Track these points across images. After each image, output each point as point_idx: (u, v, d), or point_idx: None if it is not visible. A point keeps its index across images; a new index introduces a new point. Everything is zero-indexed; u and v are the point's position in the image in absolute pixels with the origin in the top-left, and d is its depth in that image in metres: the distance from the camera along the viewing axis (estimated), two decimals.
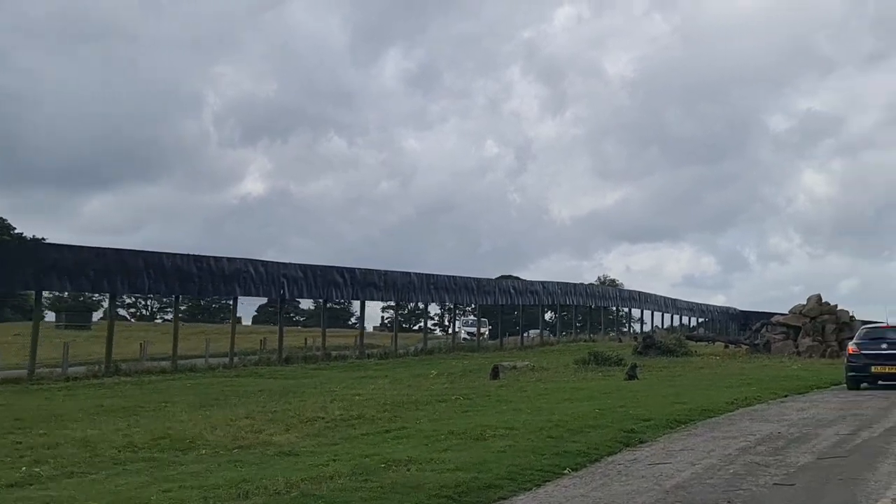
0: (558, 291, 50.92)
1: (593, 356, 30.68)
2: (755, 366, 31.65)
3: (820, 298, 41.68)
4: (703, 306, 70.88)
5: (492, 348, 45.57)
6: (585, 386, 22.93)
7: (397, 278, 39.30)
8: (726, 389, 20.89)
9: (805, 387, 22.29)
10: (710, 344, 45.55)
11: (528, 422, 14.46)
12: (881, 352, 20.98)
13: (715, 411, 16.31)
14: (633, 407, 16.87)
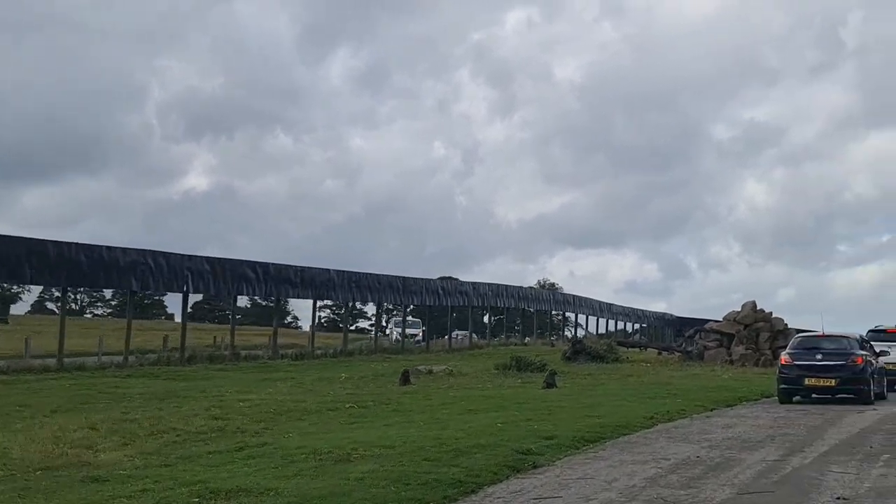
0: (489, 293, 49.01)
1: (515, 361, 28.76)
2: (685, 374, 29.97)
3: (755, 305, 40.28)
4: (639, 312, 69.56)
5: (418, 351, 43.50)
6: (498, 394, 20.95)
7: (315, 275, 37.01)
8: (649, 401, 19.04)
9: (734, 399, 20.55)
10: (643, 350, 43.98)
11: (413, 438, 12.41)
12: (815, 363, 19.31)
13: (630, 428, 14.39)
14: (541, 421, 14.92)
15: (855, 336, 20.32)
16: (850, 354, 19.30)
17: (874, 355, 20.70)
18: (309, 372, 29.92)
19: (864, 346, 20.12)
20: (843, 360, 19.19)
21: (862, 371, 19.14)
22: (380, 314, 55.53)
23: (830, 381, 19.08)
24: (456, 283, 46.70)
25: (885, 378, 21.59)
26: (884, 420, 15.98)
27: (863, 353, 19.56)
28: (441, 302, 45.67)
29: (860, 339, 20.46)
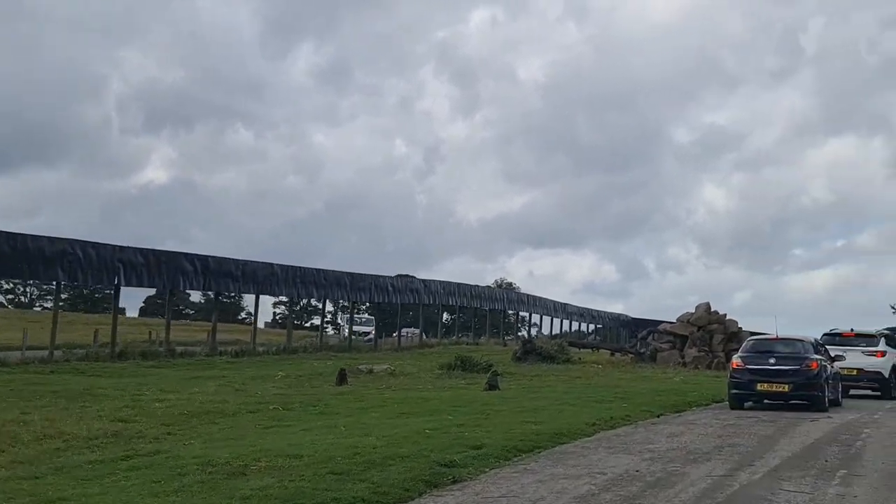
0: (441, 291, 47.79)
1: (460, 361, 27.63)
2: (636, 377, 29.00)
3: (709, 307, 39.46)
4: (594, 312, 68.73)
5: (366, 349, 42.22)
6: (436, 396, 19.78)
7: (257, 269, 35.53)
8: (594, 406, 17.97)
9: (684, 403, 19.54)
10: (595, 351, 43.02)
11: (327, 446, 11.21)
12: (768, 367, 18.34)
13: (569, 435, 13.27)
14: (474, 427, 13.77)
15: (809, 340, 19.39)
16: (805, 359, 18.37)
17: (829, 360, 19.82)
18: (246, 370, 28.56)
19: (818, 351, 19.21)
20: (796, 364, 18.25)
21: (816, 376, 18.21)
22: (325, 310, 54.15)
23: (783, 386, 18.13)
24: (407, 280, 45.43)
25: (841, 384, 20.71)
26: (839, 430, 15.02)
27: (818, 357, 18.64)
28: (391, 299, 44.39)
29: (815, 342, 19.54)
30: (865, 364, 23.31)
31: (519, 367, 32.49)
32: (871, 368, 23.35)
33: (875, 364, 23.38)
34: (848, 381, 23.15)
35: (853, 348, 23.69)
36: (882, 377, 23.34)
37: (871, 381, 23.53)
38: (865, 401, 22.78)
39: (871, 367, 23.34)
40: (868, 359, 23.48)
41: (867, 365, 23.32)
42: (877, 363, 23.43)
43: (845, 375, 22.64)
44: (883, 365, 23.46)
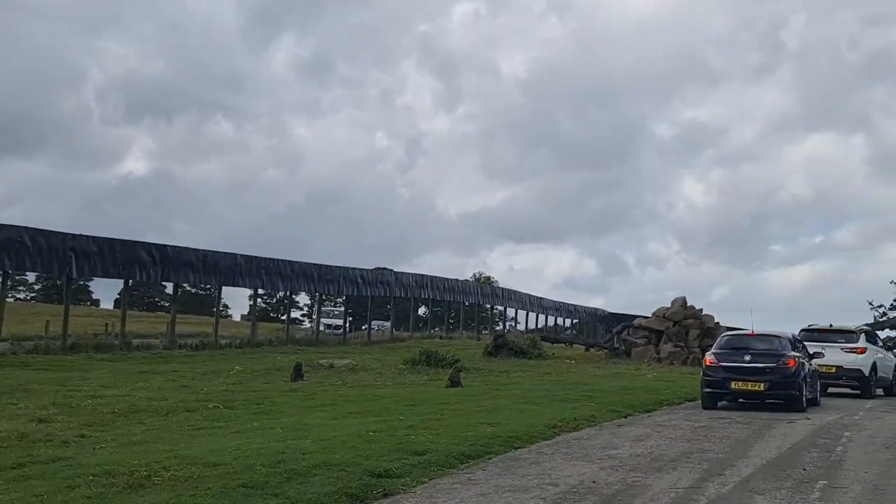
0: (413, 284, 46.60)
1: (426, 356, 26.46)
2: (608, 373, 27.97)
3: (685, 302, 38.51)
4: (570, 306, 67.66)
5: (335, 342, 41.00)
6: (392, 394, 18.64)
7: (219, 259, 34.19)
8: (558, 405, 16.88)
9: (654, 402, 18.48)
10: (569, 346, 41.97)
11: (252, 452, 10.03)
12: (743, 364, 17.29)
13: (526, 439, 12.16)
14: (424, 428, 12.66)
15: (787, 335, 18.33)
16: (782, 356, 17.33)
17: (807, 357, 18.80)
18: (203, 364, 27.33)
19: (796, 347, 18.18)
20: (773, 361, 17.21)
21: (794, 374, 17.18)
22: (297, 303, 52.83)
23: (759, 384, 17.08)
24: (377, 272, 44.21)
25: (819, 382, 19.71)
26: (818, 433, 13.97)
27: (795, 354, 17.60)
28: (361, 292, 43.16)
29: (792, 338, 18.49)
30: (845, 361, 22.32)
31: (489, 363, 31.41)
32: (850, 366, 22.36)
33: (855, 361, 22.38)
34: (826, 379, 22.19)
35: (832, 345, 22.71)
36: (862, 375, 22.36)
37: (850, 380, 22.54)
38: (845, 399, 21.81)
39: (850, 365, 22.35)
40: (847, 356, 22.49)
41: (847, 362, 22.32)
42: (857, 360, 22.45)
43: (824, 373, 21.66)
44: (863, 362, 22.48)
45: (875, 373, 22.88)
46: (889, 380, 24.16)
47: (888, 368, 24.20)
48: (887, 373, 24.01)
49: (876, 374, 22.94)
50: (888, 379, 24.05)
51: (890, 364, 24.59)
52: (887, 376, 23.98)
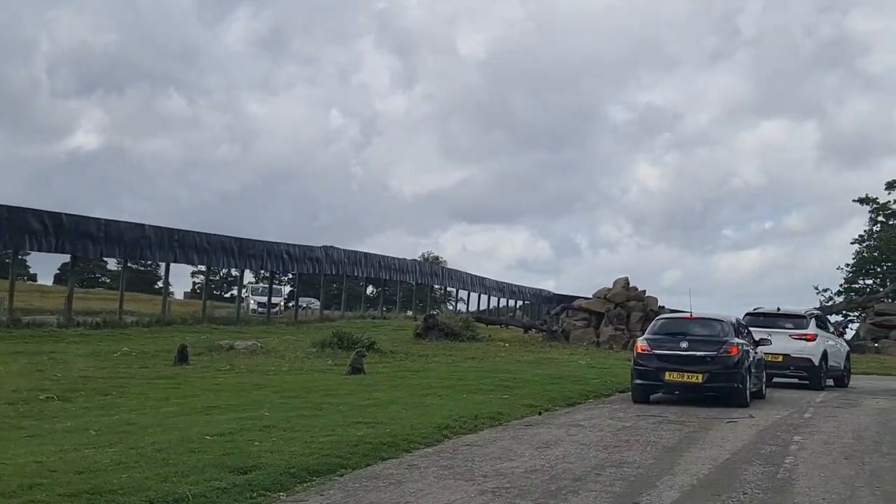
0: (345, 260, 43.91)
1: (338, 338, 23.89)
2: (539, 358, 25.61)
3: (627, 282, 36.25)
4: (515, 287, 65.31)
5: (256, 322, 38.24)
6: (280, 382, 16.10)
7: (124, 230, 31.17)
8: (466, 397, 14.44)
9: (580, 394, 16.11)
10: (505, 328, 39.58)
11: (17, 468, 7.43)
12: (679, 352, 14.94)
13: (402, 446, 9.68)
14: (281, 431, 10.21)
15: (730, 319, 15.96)
16: (723, 343, 14.99)
17: (753, 344, 16.52)
18: (93, 344, 24.57)
19: (740, 333, 15.85)
20: (713, 349, 14.88)
21: (737, 364, 14.86)
22: (205, 280, 49.80)
23: (697, 376, 14.74)
24: (305, 248, 41.36)
25: (765, 372, 17.48)
26: (762, 437, 11.64)
27: (739, 341, 15.27)
28: (286, 267, 40.42)
29: (736, 323, 16.15)
30: (793, 349, 20.03)
31: (415, 345, 28.96)
32: (799, 354, 20.02)
33: (804, 349, 20.15)
34: (772, 369, 19.84)
35: (779, 331, 20.42)
36: (812, 365, 19.97)
37: (798, 369, 20.25)
38: (792, 391, 19.64)
39: (799, 353, 20.06)
40: (796, 343, 20.23)
41: (795, 350, 20.06)
42: (806, 348, 20.11)
43: (769, 362, 19.33)
44: (813, 350, 20.13)
45: (825, 362, 20.49)
46: (840, 369, 21.76)
47: (839, 357, 21.83)
48: (838, 362, 21.72)
49: (826, 364, 20.52)
50: (839, 368, 21.74)
51: (841, 352, 22.17)
52: (838, 365, 21.68)
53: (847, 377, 22.22)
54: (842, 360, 22.05)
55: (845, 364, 22.27)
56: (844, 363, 22.22)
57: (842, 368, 21.98)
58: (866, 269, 68.94)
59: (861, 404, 16.60)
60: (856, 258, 67.55)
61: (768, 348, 18.50)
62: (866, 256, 67.36)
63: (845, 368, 22.23)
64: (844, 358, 22.32)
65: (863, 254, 67.62)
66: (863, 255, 67.48)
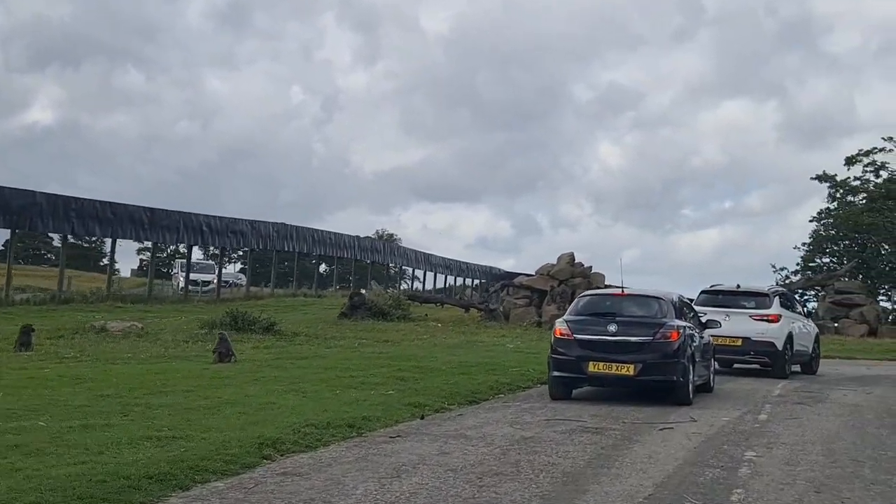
0: (273, 234, 40.55)
1: (231, 318, 20.69)
2: (465, 341, 22.62)
3: (572, 258, 33.36)
4: (463, 264, 62.16)
5: (172, 299, 34.89)
6: (118, 373, 12.96)
7: (11, 197, 27.71)
8: (336, 394, 11.40)
9: (490, 388, 13.10)
10: (441, 306, 36.47)
11: None
12: (607, 337, 11.93)
13: (182, 476, 6.60)
14: (22, 454, 7.00)
15: (670, 297, 12.84)
16: (661, 326, 11.95)
17: (699, 327, 13.56)
18: None
19: (682, 314, 12.82)
20: (648, 334, 11.86)
21: (678, 352, 11.84)
22: (111, 253, 46.16)
23: (628, 367, 11.73)
24: (229, 221, 37.76)
25: (714, 359, 14.56)
26: (703, 452, 8.63)
27: (680, 324, 12.26)
28: (206, 241, 37.10)
29: (678, 302, 13.08)
30: (753, 331, 17.21)
31: (336, 326, 25.93)
32: (760, 337, 17.18)
33: (766, 331, 17.24)
34: (730, 354, 17.26)
35: (739, 310, 17.61)
36: (774, 350, 17.18)
37: (759, 355, 17.34)
38: (749, 379, 16.82)
39: (760, 336, 17.19)
40: (757, 324, 17.36)
41: (756, 332, 17.20)
42: (769, 330, 17.27)
43: (727, 346, 16.72)
44: (776, 333, 17.29)
45: (790, 346, 17.65)
46: (808, 354, 19.02)
47: (807, 339, 19.02)
48: (806, 345, 18.90)
49: (791, 348, 17.70)
50: (807, 353, 18.94)
51: (810, 334, 19.36)
52: (806, 349, 18.87)
53: (816, 362, 19.58)
54: (810, 344, 19.29)
55: (814, 347, 19.54)
56: (813, 346, 19.50)
57: (810, 353, 19.23)
58: (824, 247, 66.84)
59: (827, 399, 13.73)
60: (813, 237, 65.39)
61: (725, 330, 15.98)
62: (823, 234, 65.21)
63: (814, 352, 19.51)
64: (813, 341, 19.61)
65: (820, 232, 65.48)
66: (820, 234, 65.35)
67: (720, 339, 16.13)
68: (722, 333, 15.93)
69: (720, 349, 16.04)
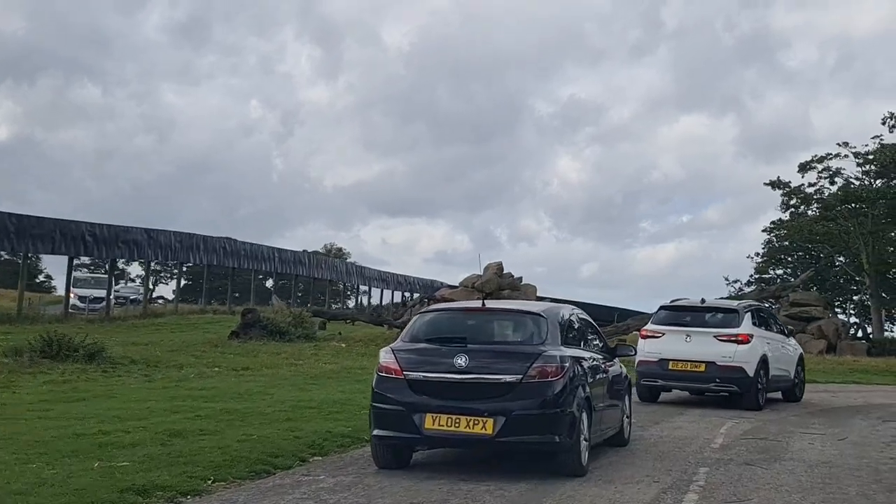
0: (177, 245, 35.79)
1: (46, 343, 16.21)
2: (352, 365, 18.45)
3: (500, 268, 29.44)
4: (401, 277, 58.00)
5: (47, 318, 30.21)
6: None
7: None
8: (37, 469, 7.11)
9: (312, 446, 8.91)
10: (351, 323, 32.10)
11: None
12: (454, 376, 7.67)
13: None
14: None
15: (557, 313, 8.48)
16: (536, 357, 7.72)
17: (604, 354, 9.39)
18: None
19: (570, 337, 8.53)
20: (517, 370, 7.62)
21: (560, 398, 7.55)
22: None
23: (484, 422, 7.52)
24: (119, 229, 32.97)
25: (629, 398, 10.41)
26: None
27: (567, 353, 7.99)
28: (90, 252, 32.47)
29: (567, 320, 8.66)
30: (719, 354, 14.00)
31: (218, 349, 21.76)
32: (726, 362, 13.95)
33: (734, 355, 14.00)
34: (691, 382, 14.39)
35: (702, 330, 14.43)
36: (744, 376, 13.92)
37: (726, 382, 14.09)
38: (692, 414, 12.91)
39: (726, 360, 13.95)
40: (723, 346, 14.11)
41: (721, 356, 13.99)
42: (737, 353, 14.02)
43: (688, 372, 14.05)
44: (746, 356, 14.04)
45: (765, 371, 14.42)
46: (790, 379, 15.90)
47: (787, 363, 15.82)
48: (786, 369, 15.72)
49: (766, 374, 14.48)
50: (787, 378, 15.78)
51: (790, 356, 16.12)
52: (786, 374, 15.70)
53: (800, 389, 16.45)
54: (791, 367, 16.08)
55: (797, 372, 16.35)
56: (796, 371, 16.29)
57: (791, 378, 16.04)
58: (777, 258, 63.80)
59: (786, 453, 9.68)
60: (766, 247, 62.27)
61: (686, 353, 13.92)
62: (777, 245, 62.09)
63: (797, 378, 16.32)
64: (796, 364, 16.32)
65: (773, 243, 62.38)
66: (773, 244, 62.23)
67: (680, 365, 14.07)
68: (682, 357, 13.97)
69: (680, 376, 14.14)
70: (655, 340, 14.50)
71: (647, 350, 14.35)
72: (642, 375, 14.53)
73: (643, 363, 14.43)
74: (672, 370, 14.16)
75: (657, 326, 14.73)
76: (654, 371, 14.38)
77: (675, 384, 14.58)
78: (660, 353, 14.29)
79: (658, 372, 14.33)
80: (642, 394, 14.58)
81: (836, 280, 61.34)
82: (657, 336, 14.55)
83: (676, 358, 14.06)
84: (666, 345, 14.33)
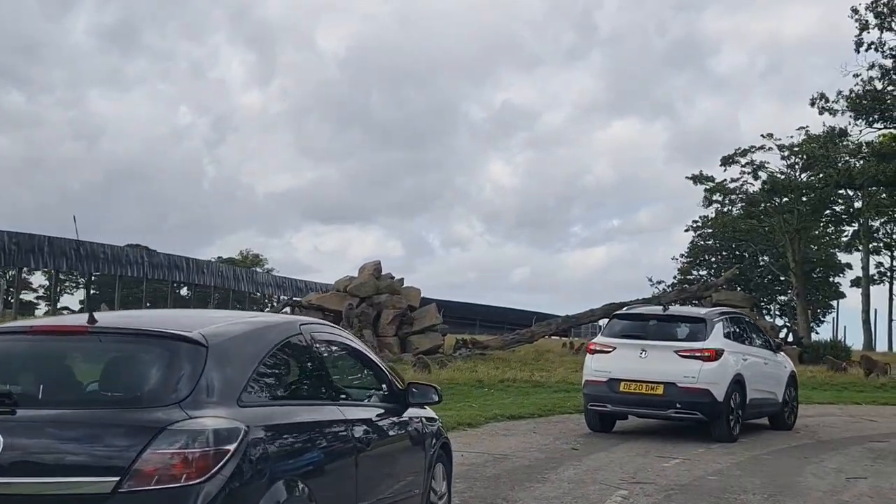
0: (13, 248, 31.19)
1: None
2: None
3: (379, 269, 25.10)
4: (300, 283, 53.49)
5: None
6: None
7: None
8: None
9: None
10: None
11: None
12: None
13: None
14: None
15: (267, 337, 3.61)
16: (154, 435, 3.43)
17: (383, 412, 5.09)
18: None
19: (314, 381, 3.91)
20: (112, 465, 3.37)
21: None
22: None
23: None
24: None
25: None
26: None
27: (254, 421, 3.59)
28: None
29: (271, 350, 4.22)
30: (679, 374, 11.38)
31: None
32: (689, 383, 11.33)
33: (698, 374, 11.37)
34: (646, 408, 11.76)
35: (661, 343, 11.81)
36: (710, 401, 11.37)
37: (688, 408, 11.42)
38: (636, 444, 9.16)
39: (688, 382, 11.31)
40: (685, 364, 11.41)
41: (683, 375, 11.38)
42: (703, 373, 11.39)
43: (643, 396, 11.46)
44: (712, 376, 11.42)
45: (740, 394, 11.80)
46: (777, 402, 13.16)
47: (772, 382, 13.05)
48: (772, 390, 13.00)
49: (742, 397, 11.85)
50: (774, 401, 13.08)
51: (776, 375, 13.27)
52: (771, 397, 12.99)
53: (792, 413, 13.65)
54: (779, 388, 13.26)
55: (787, 393, 13.48)
56: (786, 391, 13.42)
57: (779, 400, 13.27)
58: (701, 258, 61.41)
59: None
60: (690, 247, 59.81)
61: (639, 373, 11.40)
62: (701, 245, 59.60)
63: (787, 399, 13.47)
64: (785, 384, 13.44)
65: (697, 242, 59.88)
66: (697, 244, 59.75)
67: (633, 386, 11.57)
68: (636, 377, 11.52)
69: (632, 400, 11.61)
70: (605, 356, 11.95)
71: (595, 368, 11.93)
72: (589, 399, 11.95)
73: (590, 384, 11.95)
74: (623, 392, 11.55)
75: (607, 339, 12.34)
76: (602, 394, 11.78)
77: (627, 409, 11.90)
78: (609, 371, 11.71)
79: (607, 395, 11.72)
80: (591, 422, 12.10)
81: (760, 280, 59.08)
82: (607, 350, 12.04)
83: (629, 378, 11.57)
84: (617, 362, 11.77)
